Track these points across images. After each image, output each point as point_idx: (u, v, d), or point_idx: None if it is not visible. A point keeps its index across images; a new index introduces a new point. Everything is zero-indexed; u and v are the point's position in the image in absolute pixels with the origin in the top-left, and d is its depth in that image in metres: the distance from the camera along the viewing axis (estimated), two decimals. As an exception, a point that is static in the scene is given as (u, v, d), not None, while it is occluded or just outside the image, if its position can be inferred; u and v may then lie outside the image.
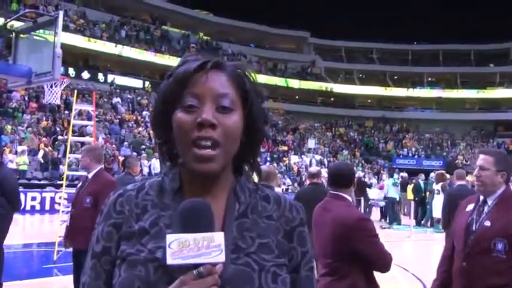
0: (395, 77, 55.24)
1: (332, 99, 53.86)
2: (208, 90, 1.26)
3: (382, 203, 20.42)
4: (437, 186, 17.42)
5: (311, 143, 37.10)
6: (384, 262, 3.38)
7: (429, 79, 55.27)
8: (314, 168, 8.62)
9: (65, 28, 28.47)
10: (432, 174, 19.20)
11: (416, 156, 44.52)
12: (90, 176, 6.12)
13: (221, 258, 1.12)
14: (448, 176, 17.01)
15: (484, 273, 3.18)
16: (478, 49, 53.66)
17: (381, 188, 21.54)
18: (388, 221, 19.60)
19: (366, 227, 3.39)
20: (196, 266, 1.11)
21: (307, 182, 8.49)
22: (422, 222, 19.77)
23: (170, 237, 1.12)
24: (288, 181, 29.73)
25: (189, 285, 1.10)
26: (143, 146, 26.90)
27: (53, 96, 12.56)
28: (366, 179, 24.36)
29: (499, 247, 3.15)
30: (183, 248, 1.11)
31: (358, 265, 3.37)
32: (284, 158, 34.41)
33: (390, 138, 48.70)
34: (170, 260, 1.11)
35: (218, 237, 1.12)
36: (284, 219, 1.36)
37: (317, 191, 7.28)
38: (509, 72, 51.90)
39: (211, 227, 1.15)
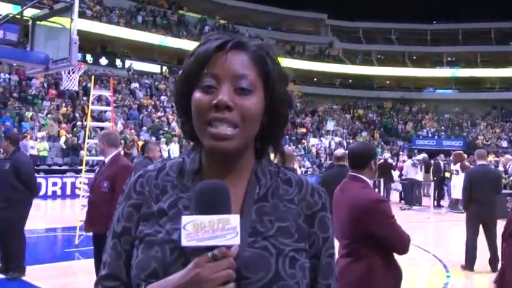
0: (414, 57, 54.67)
1: (350, 80, 53.55)
2: (226, 70, 1.24)
3: (399, 185, 20.37)
4: (455, 167, 17.35)
5: (330, 125, 36.92)
6: (401, 244, 3.36)
7: (448, 59, 54.58)
8: (339, 151, 8.59)
9: (82, 15, 28.56)
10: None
11: (436, 137, 44.21)
12: (106, 160, 6.16)
13: (236, 240, 1.11)
14: (465, 156, 16.96)
15: None
16: (498, 27, 52.77)
17: (400, 169, 21.42)
18: (407, 202, 19.51)
19: (382, 208, 3.36)
20: (211, 248, 1.10)
21: (332, 163, 8.47)
22: (441, 203, 19.70)
23: (186, 219, 1.11)
24: (308, 163, 29.70)
25: (203, 267, 1.09)
26: (162, 131, 27.01)
27: (71, 82, 12.61)
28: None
29: None
30: (198, 229, 1.10)
31: (376, 247, 3.36)
32: (303, 141, 34.36)
33: (409, 119, 48.34)
34: (185, 242, 1.10)
35: (234, 220, 1.11)
36: (305, 203, 1.34)
37: (342, 173, 7.31)
38: (530, 51, 51.19)
39: (228, 209, 1.14)
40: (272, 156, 1.41)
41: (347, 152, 3.99)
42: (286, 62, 45.91)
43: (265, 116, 1.30)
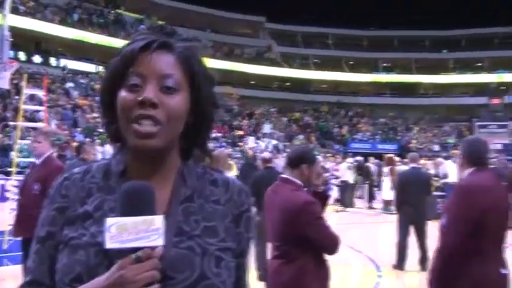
0: (351, 63, 55.74)
1: (288, 84, 54.05)
2: (152, 69, 1.24)
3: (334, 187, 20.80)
4: (386, 170, 17.84)
5: (266, 128, 37.18)
6: (330, 244, 3.44)
7: (384, 64, 56.01)
8: (267, 154, 8.79)
9: (14, 10, 27.68)
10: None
11: (371, 141, 45.17)
12: (39, 161, 5.91)
13: (159, 241, 1.11)
14: (397, 159, 17.46)
15: None
16: (432, 35, 54.56)
17: (335, 171, 21.75)
18: (342, 204, 19.85)
19: (311, 210, 3.42)
20: (135, 250, 1.10)
21: (261, 166, 8.67)
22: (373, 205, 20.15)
23: (109, 221, 1.11)
24: (245, 166, 29.69)
25: (126, 269, 1.09)
26: (96, 132, 26.48)
27: (2, 81, 12.22)
28: (323, 164, 24.58)
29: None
30: (121, 231, 1.10)
31: (307, 248, 3.41)
32: (240, 143, 34.44)
33: (345, 122, 49.22)
34: (109, 244, 1.10)
35: (158, 221, 1.11)
36: (232, 203, 1.37)
37: (270, 175, 7.46)
38: (462, 58, 53.14)
39: (152, 210, 1.14)
40: (206, 159, 1.43)
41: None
42: (223, 65, 45.97)
43: (191, 117, 1.31)
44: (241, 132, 37.34)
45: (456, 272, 3.32)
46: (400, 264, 9.12)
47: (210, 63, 1.41)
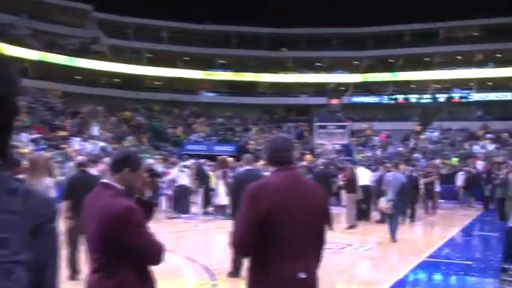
0: (186, 58, 56.08)
1: (117, 80, 53.05)
2: None
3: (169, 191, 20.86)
4: (219, 173, 18.18)
5: (93, 129, 36.24)
6: (152, 254, 3.41)
7: (221, 61, 57.05)
8: (80, 157, 8.76)
9: None
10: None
11: (207, 142, 45.70)
12: None
13: None
14: (232, 160, 17.90)
15: None
16: (271, 33, 56.66)
17: (168, 174, 21.76)
18: (177, 210, 19.91)
19: (131, 217, 3.36)
20: None
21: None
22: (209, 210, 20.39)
23: None
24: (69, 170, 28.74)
25: None
26: None
27: None
28: (155, 167, 24.44)
29: None
30: None
31: (127, 260, 3.35)
32: (63, 145, 33.20)
33: (180, 123, 49.41)
34: None
35: None
36: (31, 214, 1.34)
37: (85, 178, 7.40)
38: (302, 58, 55.85)
39: None
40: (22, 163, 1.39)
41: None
42: (44, 57, 44.06)
43: None
44: (64, 133, 36.01)
45: (256, 273, 3.48)
46: (235, 271, 9.33)
47: (27, 53, 1.37)
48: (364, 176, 19.24)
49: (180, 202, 20.02)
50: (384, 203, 14.86)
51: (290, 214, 3.48)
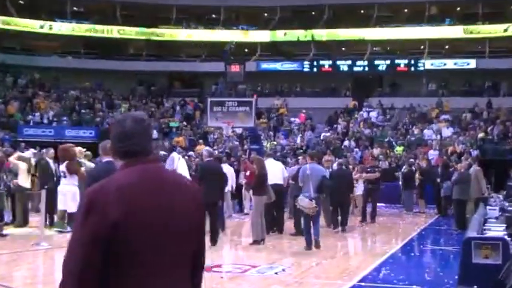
0: (21, 2, 53.70)
1: None
2: None
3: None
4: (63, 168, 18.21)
5: None
6: None
7: (75, 9, 55.04)
8: None
9: None
10: None
11: (55, 124, 44.58)
12: None
13: None
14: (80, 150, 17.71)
15: None
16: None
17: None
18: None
19: None
20: None
21: None
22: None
23: None
24: None
25: None
26: None
27: None
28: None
29: None
30: None
31: None
32: None
33: (14, 96, 47.68)
34: None
35: None
36: None
37: None
38: (191, 7, 54.65)
39: None
40: None
41: None
42: None
43: None
44: None
45: None
46: None
47: None
48: (276, 172, 19.39)
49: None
50: (305, 201, 15.14)
51: (150, 229, 3.25)
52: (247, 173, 20.57)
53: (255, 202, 17.89)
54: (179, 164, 18.64)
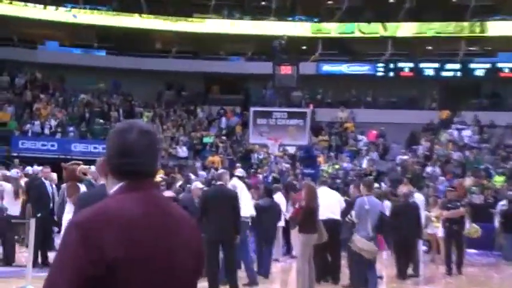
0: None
1: None
2: None
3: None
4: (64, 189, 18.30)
5: None
6: None
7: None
8: None
9: None
10: None
11: (60, 136, 45.06)
12: None
13: None
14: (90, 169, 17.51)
15: None
16: None
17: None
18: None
19: None
20: None
21: None
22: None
23: None
24: None
25: None
26: None
27: None
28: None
29: None
30: None
31: None
32: None
33: (9, 99, 48.27)
34: None
35: None
36: None
37: None
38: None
39: None
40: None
41: None
42: None
43: None
44: None
45: None
46: None
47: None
48: (331, 203, 19.12)
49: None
50: (362, 241, 14.98)
51: (152, 266, 3.25)
52: (297, 205, 20.04)
53: (302, 242, 17.44)
54: (242, 195, 18.39)
